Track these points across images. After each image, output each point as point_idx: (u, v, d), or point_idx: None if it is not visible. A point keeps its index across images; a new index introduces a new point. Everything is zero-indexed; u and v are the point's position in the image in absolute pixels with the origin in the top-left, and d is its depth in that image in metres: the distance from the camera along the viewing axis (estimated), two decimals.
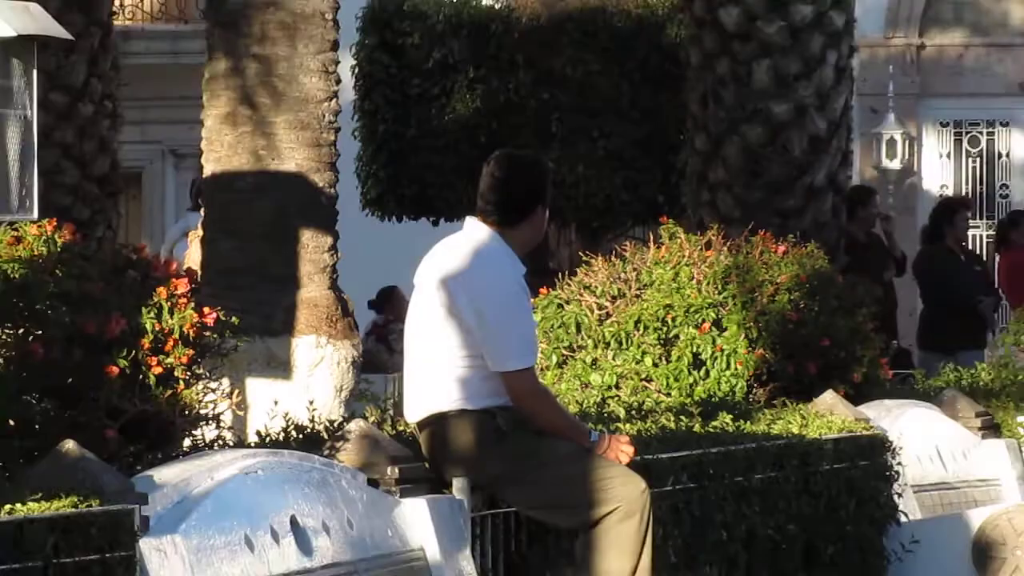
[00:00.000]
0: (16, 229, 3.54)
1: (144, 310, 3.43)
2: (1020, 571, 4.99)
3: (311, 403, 4.59)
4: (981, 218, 14.63)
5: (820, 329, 5.45)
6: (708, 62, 7.03)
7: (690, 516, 4.08)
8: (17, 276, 3.43)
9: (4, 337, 3.41)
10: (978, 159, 15.39)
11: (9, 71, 3.44)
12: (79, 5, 7.63)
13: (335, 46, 5.91)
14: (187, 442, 3.67)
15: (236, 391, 4.78)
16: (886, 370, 6.38)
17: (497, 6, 12.80)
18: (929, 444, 5.74)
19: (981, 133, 15.41)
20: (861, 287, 6.12)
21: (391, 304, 10.56)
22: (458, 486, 3.60)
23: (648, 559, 3.48)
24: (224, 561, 3.00)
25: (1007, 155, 15.28)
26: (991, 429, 6.10)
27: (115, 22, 9.13)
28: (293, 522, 3.23)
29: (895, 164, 14.20)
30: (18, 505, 2.44)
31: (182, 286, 3.50)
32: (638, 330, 5.16)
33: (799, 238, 5.92)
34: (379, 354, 9.33)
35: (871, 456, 5.08)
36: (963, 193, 14.74)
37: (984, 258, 12.69)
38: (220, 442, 3.77)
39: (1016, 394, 6.67)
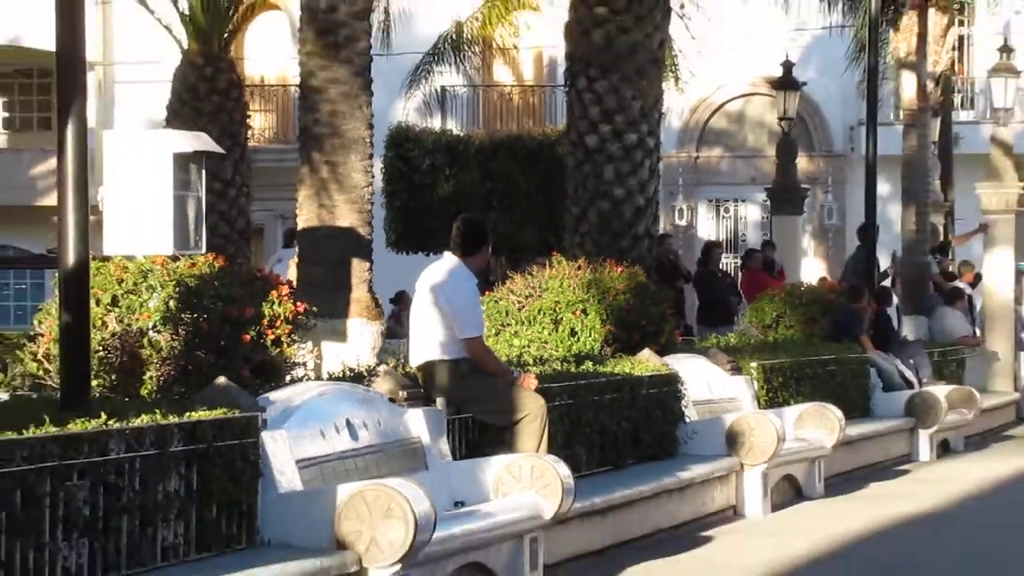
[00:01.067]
0: (191, 258, 5.63)
1: (264, 303, 5.54)
2: (754, 449, 7.47)
3: (357, 357, 7.04)
4: (731, 253, 23.83)
5: (641, 313, 8.37)
6: (579, 166, 10.73)
7: (568, 419, 6.54)
8: (193, 285, 5.42)
9: (186, 319, 5.34)
10: (729, 220, 26.10)
11: (188, 171, 5.70)
12: (228, 133, 11.74)
13: (371, 156, 8.80)
14: (288, 378, 5.71)
15: (315, 349, 7.24)
16: (677, 336, 9.85)
17: (462, 135, 20.95)
18: (702, 379, 8.66)
19: (730, 206, 26.03)
20: (663, 290, 9.50)
21: (402, 300, 15.16)
22: (440, 403, 5.93)
23: (545, 444, 5.85)
24: (308, 445, 4.83)
25: (744, 218, 25.95)
26: (736, 370, 9.19)
27: (249, 143, 13.53)
28: (348, 422, 5.12)
29: (683, 223, 25.18)
30: (194, 413, 4.08)
31: (284, 290, 5.78)
32: (540, 315, 8.11)
33: (629, 264, 9.10)
34: (395, 329, 12.74)
35: (669, 385, 7.85)
36: (719, 239, 23.67)
37: (732, 275, 19.95)
38: (307, 378, 5.99)
39: (750, 350, 10.14)
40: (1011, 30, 21.68)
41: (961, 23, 22.31)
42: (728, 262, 22.60)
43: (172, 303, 5.38)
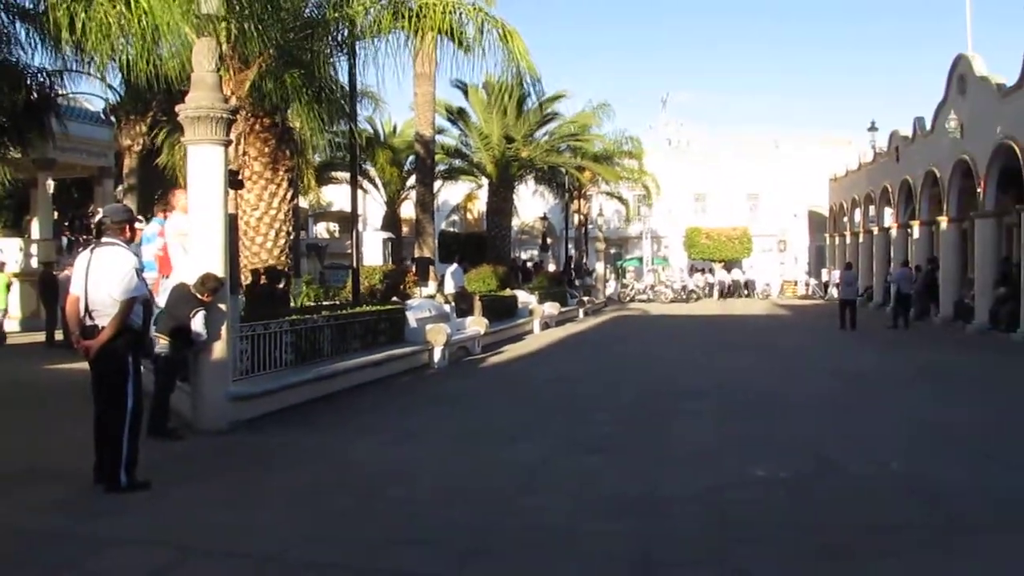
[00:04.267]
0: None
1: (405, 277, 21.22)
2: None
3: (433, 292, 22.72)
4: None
5: (499, 279, 23.89)
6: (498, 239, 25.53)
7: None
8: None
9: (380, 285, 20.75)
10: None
11: None
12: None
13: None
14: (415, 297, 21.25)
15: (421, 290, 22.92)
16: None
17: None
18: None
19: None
20: (510, 274, 25.06)
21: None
22: (452, 301, 21.61)
23: (479, 311, 21.49)
24: (419, 314, 19.77)
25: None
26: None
27: None
28: (427, 307, 20.39)
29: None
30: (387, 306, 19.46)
31: (411, 273, 21.37)
32: (481, 280, 23.86)
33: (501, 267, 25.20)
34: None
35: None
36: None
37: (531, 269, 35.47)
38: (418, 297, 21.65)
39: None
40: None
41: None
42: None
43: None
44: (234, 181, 13.07)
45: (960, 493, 7.81)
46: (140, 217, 14.85)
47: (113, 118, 26.26)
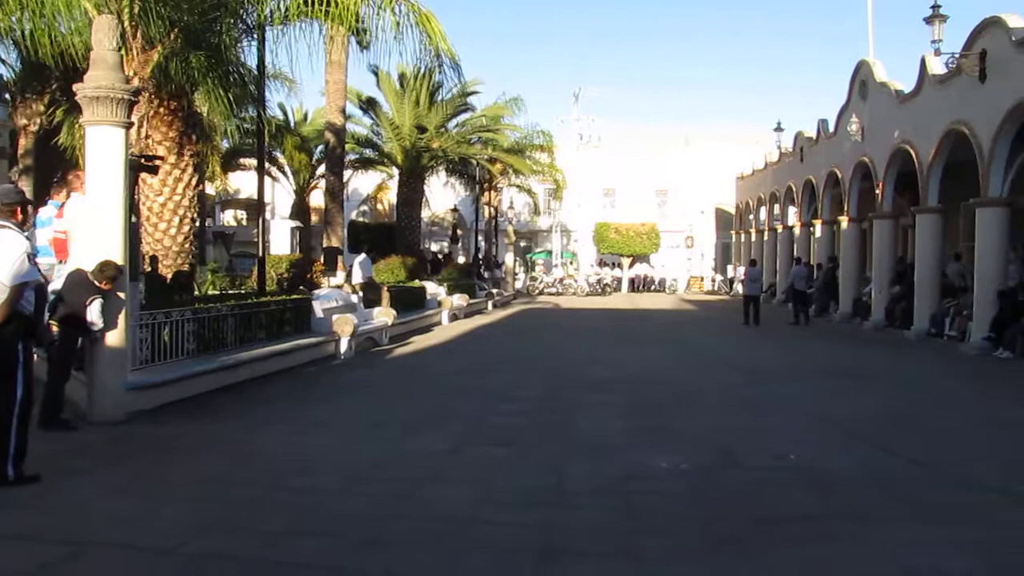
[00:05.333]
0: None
1: (314, 267, 20.96)
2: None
3: (340, 282, 22.49)
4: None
5: (410, 277, 23.66)
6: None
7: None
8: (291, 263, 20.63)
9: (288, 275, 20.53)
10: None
11: None
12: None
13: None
14: (322, 287, 21.08)
15: (328, 280, 22.63)
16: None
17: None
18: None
19: None
20: (419, 265, 25.47)
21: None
22: (357, 290, 21.46)
23: (387, 301, 21.38)
24: (325, 305, 19.90)
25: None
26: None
27: None
28: (335, 298, 20.29)
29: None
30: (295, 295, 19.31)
31: (318, 264, 21.11)
32: (390, 270, 23.54)
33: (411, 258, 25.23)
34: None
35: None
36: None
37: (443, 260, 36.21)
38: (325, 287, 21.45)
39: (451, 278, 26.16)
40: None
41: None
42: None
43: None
44: (147, 166, 12.74)
45: (853, 484, 8.05)
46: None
47: (7, 96, 25.35)
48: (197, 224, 16.72)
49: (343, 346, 17.43)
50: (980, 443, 10.21)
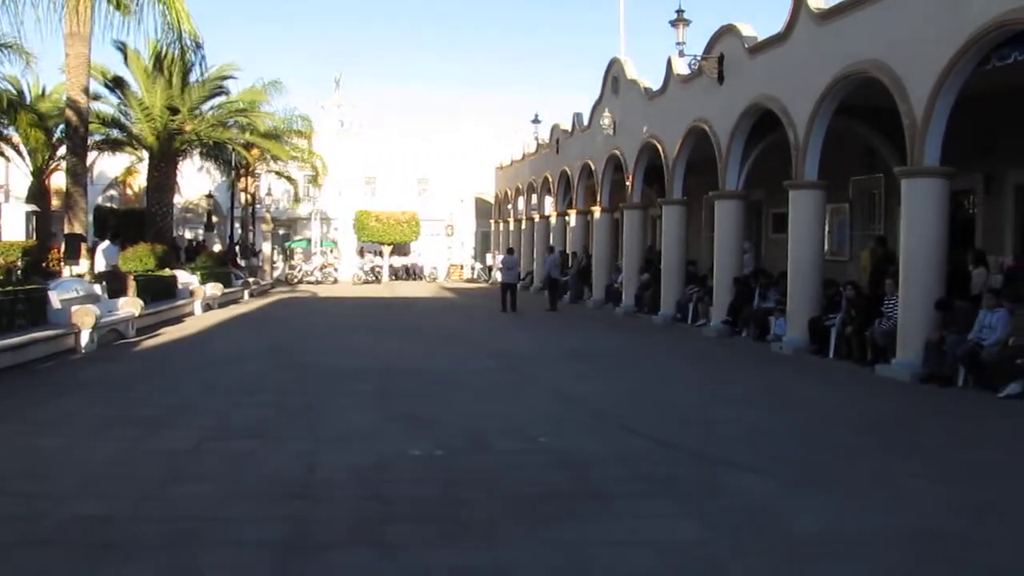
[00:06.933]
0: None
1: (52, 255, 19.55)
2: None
3: (84, 271, 21.16)
4: None
5: (160, 265, 22.61)
6: (153, 216, 24.36)
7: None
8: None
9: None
10: None
11: None
12: None
13: None
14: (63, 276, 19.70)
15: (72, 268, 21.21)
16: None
17: None
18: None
19: None
20: (170, 253, 25.18)
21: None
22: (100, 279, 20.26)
23: (133, 290, 20.30)
24: (64, 295, 18.74)
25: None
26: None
27: None
28: (76, 288, 19.18)
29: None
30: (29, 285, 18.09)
31: (56, 251, 19.73)
32: (137, 259, 22.40)
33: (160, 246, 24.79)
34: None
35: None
36: None
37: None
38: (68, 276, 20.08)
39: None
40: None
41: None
42: None
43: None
44: None
45: (599, 462, 8.37)
46: None
47: None
48: None
49: (84, 339, 16.47)
50: (709, 419, 10.88)
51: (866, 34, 15.33)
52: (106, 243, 23.24)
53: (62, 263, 22.49)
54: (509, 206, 46.17)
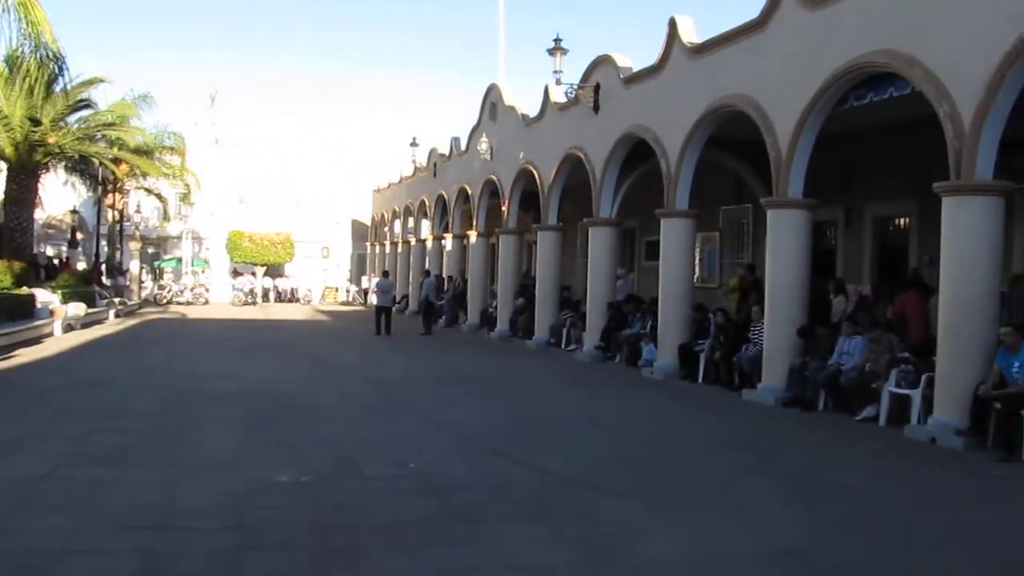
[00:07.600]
0: None
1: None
2: (55, 314, 21.64)
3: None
4: None
5: (18, 283, 21.74)
6: (11, 232, 23.41)
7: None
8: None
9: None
10: None
11: None
12: None
13: None
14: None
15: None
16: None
17: None
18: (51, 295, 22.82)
19: None
20: (29, 271, 23.61)
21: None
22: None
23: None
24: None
25: None
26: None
27: None
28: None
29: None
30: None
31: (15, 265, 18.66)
32: (4, 273, 21.33)
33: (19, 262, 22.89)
34: None
35: (27, 297, 21.94)
36: None
37: None
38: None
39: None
40: None
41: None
42: None
43: None
44: None
45: (467, 487, 8.32)
46: None
47: None
48: None
49: None
50: (580, 443, 10.96)
51: (736, 70, 15.81)
52: None
53: None
54: (386, 229, 45.86)
